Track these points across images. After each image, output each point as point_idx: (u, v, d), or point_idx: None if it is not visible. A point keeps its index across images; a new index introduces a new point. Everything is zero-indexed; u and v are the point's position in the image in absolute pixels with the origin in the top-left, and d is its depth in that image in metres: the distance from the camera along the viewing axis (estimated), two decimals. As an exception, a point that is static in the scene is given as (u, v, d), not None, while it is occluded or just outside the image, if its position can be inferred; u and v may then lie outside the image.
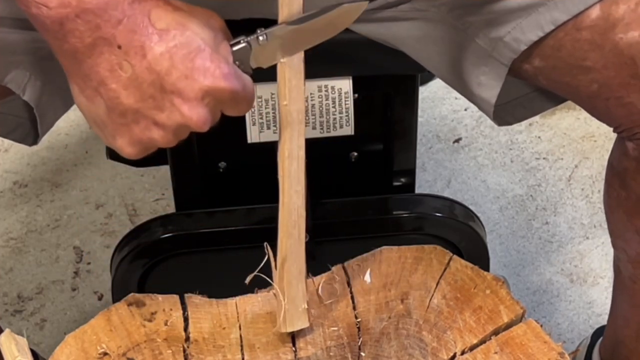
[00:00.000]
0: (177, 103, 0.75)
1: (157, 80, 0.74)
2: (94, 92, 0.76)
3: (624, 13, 0.85)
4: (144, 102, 0.75)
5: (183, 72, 0.74)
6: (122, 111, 0.76)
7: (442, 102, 1.88)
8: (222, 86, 0.75)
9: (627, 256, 1.03)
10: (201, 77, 0.75)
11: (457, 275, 0.96)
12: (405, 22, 0.96)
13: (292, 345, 0.91)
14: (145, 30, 0.74)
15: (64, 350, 0.90)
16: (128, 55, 0.74)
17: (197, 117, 0.76)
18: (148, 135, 0.77)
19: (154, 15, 0.74)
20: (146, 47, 0.74)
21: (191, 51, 0.75)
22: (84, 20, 0.73)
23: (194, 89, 0.75)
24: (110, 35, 0.73)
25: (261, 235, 0.92)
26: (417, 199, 1.25)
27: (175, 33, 0.74)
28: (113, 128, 0.77)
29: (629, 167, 0.95)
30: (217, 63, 0.75)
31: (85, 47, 0.74)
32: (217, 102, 0.77)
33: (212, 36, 0.77)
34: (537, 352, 0.88)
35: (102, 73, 0.74)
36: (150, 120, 0.76)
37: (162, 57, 0.74)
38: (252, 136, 1.10)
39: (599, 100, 0.90)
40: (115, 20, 0.73)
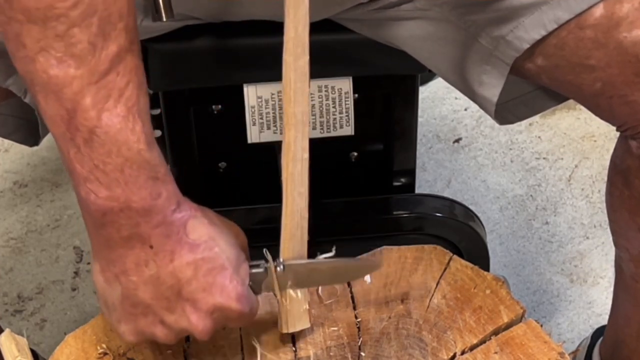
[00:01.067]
0: (188, 311, 0.79)
1: (176, 285, 0.78)
2: (114, 277, 0.79)
3: (628, 11, 0.85)
4: (158, 300, 0.79)
5: (202, 284, 0.78)
6: (135, 302, 0.79)
7: (442, 102, 1.88)
8: (234, 307, 0.80)
9: (629, 255, 1.03)
10: (217, 293, 0.79)
11: (457, 275, 0.96)
12: (406, 22, 0.96)
13: (292, 345, 0.91)
14: (179, 238, 0.78)
15: (64, 350, 0.90)
16: (157, 256, 0.77)
17: (202, 328, 0.80)
18: (152, 330, 0.81)
19: (189, 226, 0.78)
20: (175, 253, 0.77)
21: (215, 267, 0.79)
22: (127, 216, 0.76)
23: (208, 302, 0.79)
24: (146, 234, 0.77)
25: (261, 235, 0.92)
26: (417, 199, 1.25)
27: (205, 247, 0.79)
28: (122, 314, 0.81)
29: (632, 165, 0.95)
30: (235, 284, 0.80)
31: (121, 238, 0.77)
32: (224, 318, 0.81)
33: (236, 256, 0.81)
34: (537, 352, 0.88)
35: (128, 265, 0.78)
36: (158, 318, 0.80)
37: (188, 266, 0.78)
38: (252, 136, 1.10)
39: (603, 98, 0.90)
40: (155, 223, 0.76)
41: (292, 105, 0.82)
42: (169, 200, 0.77)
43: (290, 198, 0.84)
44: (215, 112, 1.16)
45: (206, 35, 1.03)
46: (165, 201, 0.77)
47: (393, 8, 0.96)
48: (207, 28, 1.03)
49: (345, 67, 1.08)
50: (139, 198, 0.75)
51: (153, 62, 1.03)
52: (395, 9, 0.96)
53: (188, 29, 1.02)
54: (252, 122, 1.09)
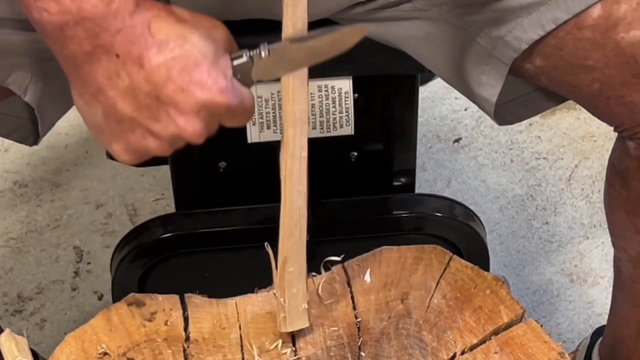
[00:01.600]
0: (173, 115, 0.75)
1: (153, 91, 0.75)
2: (92, 98, 0.76)
3: (626, 12, 0.85)
4: (140, 111, 0.75)
5: (180, 84, 0.74)
6: (119, 119, 0.76)
7: (442, 102, 1.88)
8: (218, 100, 0.76)
9: (628, 255, 1.03)
10: (197, 90, 0.75)
11: (457, 275, 0.96)
12: (406, 22, 0.96)
13: (292, 345, 0.91)
14: (144, 40, 0.74)
15: (64, 350, 0.90)
16: (126, 65, 0.74)
17: (192, 130, 0.76)
18: (143, 143, 0.78)
19: (154, 26, 0.75)
20: (144, 57, 0.74)
21: (189, 64, 0.75)
22: (84, 28, 0.73)
23: (190, 102, 0.75)
24: (108, 44, 0.74)
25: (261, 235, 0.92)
26: (417, 199, 1.25)
27: (174, 45, 0.74)
28: (110, 134, 0.78)
29: (630, 166, 0.95)
30: (214, 77, 0.75)
31: (84, 54, 0.74)
32: (213, 115, 0.77)
33: (212, 49, 0.77)
34: (537, 352, 0.88)
35: (100, 80, 0.75)
36: (145, 129, 0.77)
37: (159, 68, 0.74)
38: (252, 136, 1.10)
39: (600, 99, 0.90)
40: (114, 29, 0.73)
41: (291, 103, 0.82)
42: (124, 3, 0.73)
43: (288, 196, 0.84)
44: (215, 112, 1.16)
45: (206, 35, 1.03)
46: (121, 4, 0.73)
47: (391, 8, 0.96)
48: (207, 28, 1.02)
49: (345, 67, 1.08)
50: (91, 6, 0.72)
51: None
52: (393, 9, 0.96)
53: (188, 29, 1.01)
54: (252, 121, 1.09)
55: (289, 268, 0.87)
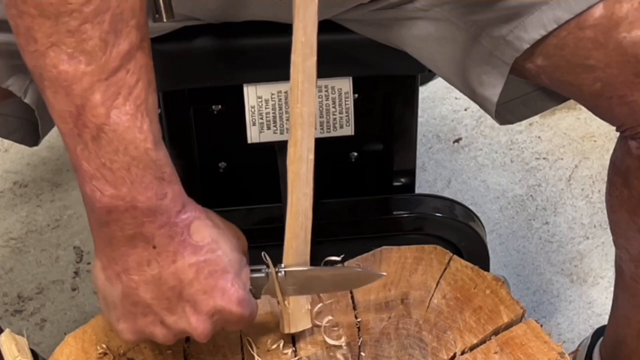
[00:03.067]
0: (188, 312, 0.80)
1: (177, 287, 0.78)
2: (115, 275, 0.79)
3: (628, 12, 0.85)
4: (158, 300, 0.79)
5: (204, 287, 0.79)
6: (135, 302, 0.79)
7: (442, 102, 1.88)
8: (234, 311, 0.80)
9: (629, 255, 1.03)
10: (219, 296, 0.79)
11: (457, 275, 0.96)
12: (407, 22, 0.96)
13: (292, 345, 0.91)
14: (183, 239, 0.78)
15: (64, 350, 0.90)
16: (160, 257, 0.77)
17: (202, 330, 0.80)
18: (151, 329, 0.81)
19: (193, 227, 0.79)
20: (178, 254, 0.78)
21: (217, 270, 0.79)
22: (132, 215, 0.76)
23: (209, 305, 0.79)
24: (150, 234, 0.77)
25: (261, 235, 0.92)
26: (417, 199, 1.25)
27: (208, 250, 0.79)
28: (121, 313, 0.81)
29: (631, 165, 0.95)
30: (236, 288, 0.80)
31: (124, 237, 0.77)
32: (224, 321, 0.81)
33: (238, 260, 0.82)
34: (537, 352, 0.88)
35: (131, 263, 0.78)
36: (158, 318, 0.80)
37: (190, 268, 0.78)
38: (252, 136, 1.10)
39: (602, 99, 0.90)
40: (159, 223, 0.77)
41: (299, 105, 0.81)
42: (174, 201, 0.77)
43: (295, 198, 0.84)
44: (215, 112, 1.16)
45: (206, 36, 1.03)
46: (171, 202, 0.77)
47: (393, 8, 0.96)
48: (207, 28, 1.03)
49: (345, 67, 1.08)
50: (145, 198, 0.75)
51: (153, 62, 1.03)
52: (395, 9, 0.96)
53: (188, 29, 1.02)
54: (252, 122, 1.09)
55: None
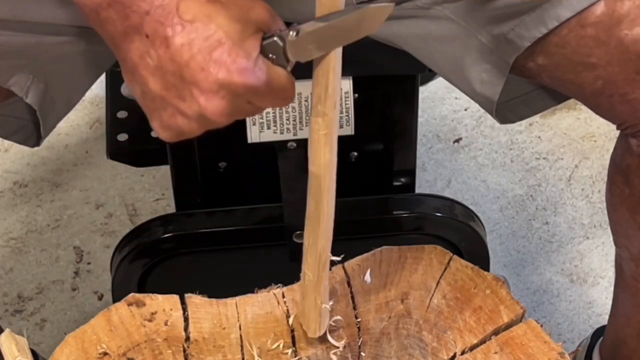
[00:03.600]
0: (195, 94, 0.77)
1: (177, 71, 0.76)
2: (131, 76, 0.79)
3: (629, 9, 0.85)
4: (168, 90, 0.77)
5: (200, 64, 0.76)
6: (152, 97, 0.78)
7: (442, 102, 1.88)
8: (236, 80, 0.76)
9: (630, 254, 1.03)
10: (216, 69, 0.76)
11: (457, 275, 0.96)
12: (407, 21, 0.96)
13: (292, 345, 0.91)
14: (171, 21, 0.75)
15: (64, 350, 0.90)
16: (154, 45, 0.76)
17: (213, 109, 0.77)
18: (174, 122, 0.79)
19: (183, 7, 0.76)
20: (169, 37, 0.75)
21: (211, 44, 0.76)
22: (115, 9, 0.75)
23: (209, 81, 0.76)
24: (138, 24, 0.75)
25: (261, 235, 0.92)
26: (417, 199, 1.25)
27: (199, 25, 0.76)
28: (148, 111, 0.80)
29: (632, 164, 0.95)
30: (234, 57, 0.76)
31: (119, 34, 0.76)
32: (235, 95, 0.77)
33: (239, 30, 0.77)
34: (537, 352, 0.88)
35: (134, 59, 0.77)
36: (175, 108, 0.78)
37: (183, 48, 0.75)
38: (252, 136, 1.10)
39: (603, 97, 0.90)
40: (143, 10, 0.75)
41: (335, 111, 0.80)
42: None
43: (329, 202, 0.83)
44: (215, 112, 1.16)
45: (206, 35, 1.03)
46: None
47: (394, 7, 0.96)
48: (207, 28, 1.02)
49: (345, 67, 1.08)
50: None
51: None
52: (395, 7, 0.96)
53: (188, 28, 1.01)
54: (252, 122, 1.09)
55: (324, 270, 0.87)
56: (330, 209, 0.84)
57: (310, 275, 0.86)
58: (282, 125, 1.09)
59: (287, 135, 1.10)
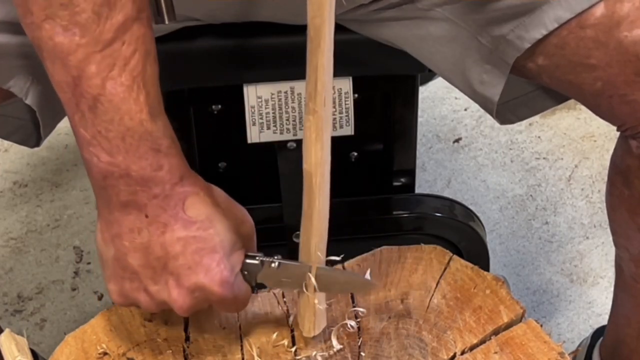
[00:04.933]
0: (171, 285, 0.80)
1: (163, 258, 0.79)
2: (110, 238, 0.81)
3: (629, 11, 0.85)
4: (144, 269, 0.80)
5: (189, 262, 0.79)
6: (124, 266, 0.81)
7: (442, 102, 1.88)
8: (215, 290, 0.80)
9: (630, 254, 1.03)
10: (202, 273, 0.80)
11: (457, 275, 0.96)
12: (407, 22, 0.96)
13: (292, 345, 0.91)
14: (175, 212, 0.79)
15: (64, 350, 0.90)
16: (150, 226, 0.79)
17: (181, 304, 0.81)
18: (136, 295, 0.82)
19: (189, 202, 0.79)
20: (168, 226, 0.79)
21: (205, 248, 0.79)
22: (126, 182, 0.77)
23: (190, 280, 0.80)
24: (142, 204, 0.78)
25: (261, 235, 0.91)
26: (417, 199, 1.25)
27: (200, 226, 0.79)
28: (112, 274, 0.83)
29: (632, 165, 0.95)
30: (221, 268, 0.80)
31: (119, 203, 0.78)
32: (205, 299, 0.82)
33: (231, 242, 0.82)
34: (537, 352, 0.88)
35: (123, 229, 0.79)
36: (142, 285, 0.82)
37: (178, 241, 0.79)
38: (252, 136, 1.10)
39: (603, 98, 0.90)
40: (152, 194, 0.78)
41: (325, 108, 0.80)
42: (170, 173, 0.78)
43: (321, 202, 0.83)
44: (215, 112, 1.16)
45: (206, 36, 1.03)
46: (167, 174, 0.78)
47: (394, 9, 0.96)
48: (207, 28, 1.03)
49: (345, 67, 1.08)
50: (139, 167, 0.76)
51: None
52: (396, 9, 0.96)
53: (188, 29, 1.02)
54: (252, 122, 1.09)
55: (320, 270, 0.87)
56: (322, 207, 0.84)
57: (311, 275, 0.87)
58: (282, 126, 1.09)
59: (287, 135, 1.10)
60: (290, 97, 1.07)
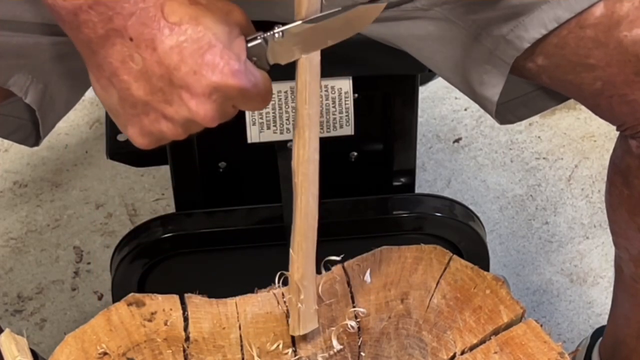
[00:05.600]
0: (185, 98, 0.76)
1: (166, 74, 0.75)
2: (107, 82, 0.77)
3: (628, 10, 0.85)
4: (153, 94, 0.76)
5: (192, 67, 0.74)
6: (133, 102, 0.77)
7: (442, 102, 1.88)
8: (230, 83, 0.75)
9: (629, 255, 1.03)
10: (209, 73, 0.75)
11: (457, 275, 0.96)
12: (407, 22, 0.96)
13: (292, 345, 0.91)
14: (157, 23, 0.74)
15: (64, 350, 0.90)
16: (139, 48, 0.74)
17: (205, 113, 0.76)
18: (157, 127, 0.78)
19: (167, 9, 0.75)
20: (157, 40, 0.74)
21: (201, 46, 0.75)
22: (97, 12, 0.73)
23: (202, 84, 0.75)
24: (122, 27, 0.74)
25: (261, 235, 0.92)
26: (417, 199, 1.25)
27: (187, 27, 0.74)
28: (125, 118, 0.78)
29: (631, 164, 0.95)
30: (226, 59, 0.75)
31: (99, 38, 0.74)
32: (226, 98, 0.77)
33: (226, 31, 0.76)
34: (537, 352, 0.88)
35: (114, 64, 0.75)
36: (159, 113, 0.77)
37: (172, 51, 0.74)
38: (252, 136, 1.10)
39: (603, 98, 0.90)
40: (128, 12, 0.73)
41: (306, 107, 0.81)
42: None
43: (303, 200, 0.83)
44: (215, 112, 1.16)
45: (206, 35, 1.03)
46: None
47: (393, 8, 0.96)
48: (207, 28, 1.02)
49: (345, 67, 1.08)
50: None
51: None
52: (395, 9, 0.96)
53: (188, 28, 1.01)
54: (252, 122, 1.09)
55: (303, 271, 0.87)
56: (306, 207, 0.83)
57: (292, 274, 0.87)
58: (282, 125, 1.09)
59: (287, 135, 1.10)
60: (290, 97, 1.07)
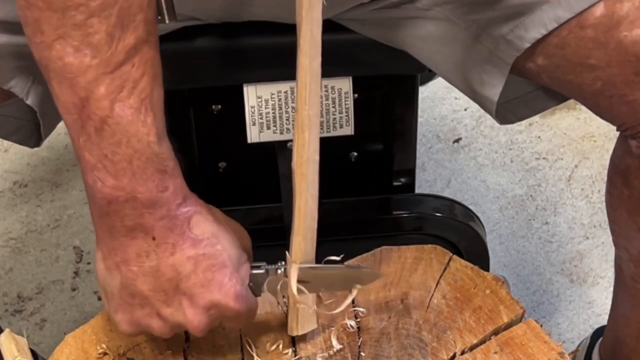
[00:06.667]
0: (185, 305, 0.80)
1: (175, 279, 0.79)
2: (115, 266, 0.80)
3: (629, 11, 0.85)
4: (156, 292, 0.79)
5: (201, 280, 0.79)
6: (134, 293, 0.80)
7: (442, 102, 1.88)
8: (231, 305, 0.80)
9: (629, 255, 1.03)
10: (215, 290, 0.79)
11: (457, 275, 0.96)
12: (407, 22, 0.96)
13: (292, 345, 0.91)
14: (182, 232, 0.78)
15: (64, 350, 0.90)
16: (159, 248, 0.78)
17: (198, 324, 0.81)
18: (148, 321, 0.81)
19: (194, 221, 0.79)
20: (177, 247, 0.78)
21: (215, 264, 0.79)
22: (132, 206, 0.76)
23: (205, 298, 0.79)
24: (149, 226, 0.77)
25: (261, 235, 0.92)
26: (417, 199, 1.25)
27: (207, 243, 0.79)
28: (119, 303, 0.81)
29: (631, 165, 0.95)
30: (233, 282, 0.80)
31: (124, 228, 0.78)
32: (220, 315, 0.81)
33: (237, 256, 0.82)
34: (537, 352, 0.88)
35: (130, 254, 0.78)
36: (155, 310, 0.81)
37: (188, 261, 0.78)
38: (252, 136, 1.10)
39: (603, 98, 0.90)
40: (160, 215, 0.77)
41: (306, 107, 0.81)
42: (175, 194, 0.78)
43: (303, 200, 0.84)
44: (215, 112, 1.16)
45: (206, 36, 1.03)
46: (171, 195, 0.77)
47: (394, 8, 0.96)
48: (207, 28, 1.03)
49: (345, 67, 1.08)
50: (145, 189, 0.76)
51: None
52: (396, 9, 0.96)
53: (188, 29, 1.02)
54: (252, 122, 1.09)
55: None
56: (306, 207, 0.84)
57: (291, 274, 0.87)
58: (282, 125, 1.09)
59: (287, 135, 1.10)
60: (290, 97, 1.07)
